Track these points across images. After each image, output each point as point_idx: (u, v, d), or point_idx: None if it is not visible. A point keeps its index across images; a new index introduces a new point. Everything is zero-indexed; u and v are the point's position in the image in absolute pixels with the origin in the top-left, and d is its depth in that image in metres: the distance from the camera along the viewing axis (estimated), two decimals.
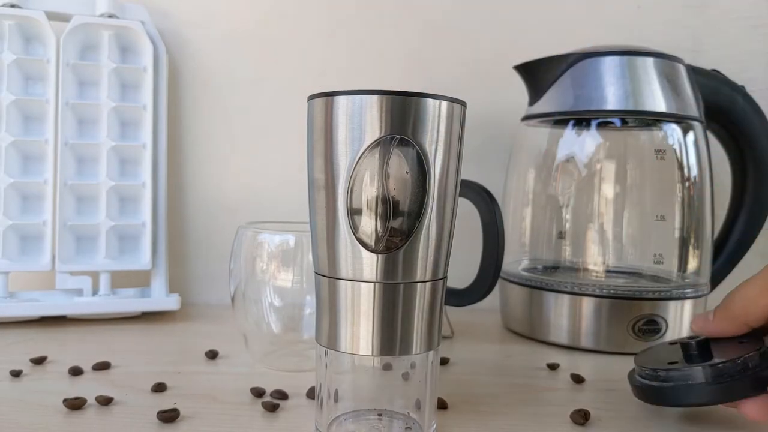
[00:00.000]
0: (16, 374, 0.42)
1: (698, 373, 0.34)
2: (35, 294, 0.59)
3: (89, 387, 0.40)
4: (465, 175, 0.35)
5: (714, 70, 0.59)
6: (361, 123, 0.28)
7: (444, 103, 0.29)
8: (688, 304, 0.54)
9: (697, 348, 0.35)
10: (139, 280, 0.64)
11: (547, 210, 0.60)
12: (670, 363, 0.36)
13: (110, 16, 0.61)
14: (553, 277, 0.58)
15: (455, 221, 0.32)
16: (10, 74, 0.59)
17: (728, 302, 0.36)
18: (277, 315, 0.44)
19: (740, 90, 0.59)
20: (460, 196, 0.33)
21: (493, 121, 0.69)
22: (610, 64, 0.54)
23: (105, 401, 0.37)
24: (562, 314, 0.54)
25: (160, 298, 0.61)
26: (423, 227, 0.29)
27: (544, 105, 0.57)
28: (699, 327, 0.37)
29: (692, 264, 0.57)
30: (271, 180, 0.70)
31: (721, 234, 0.62)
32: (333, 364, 0.32)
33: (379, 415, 0.34)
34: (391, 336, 0.30)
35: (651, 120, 0.56)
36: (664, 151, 0.56)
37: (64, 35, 0.59)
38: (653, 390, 0.36)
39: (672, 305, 0.53)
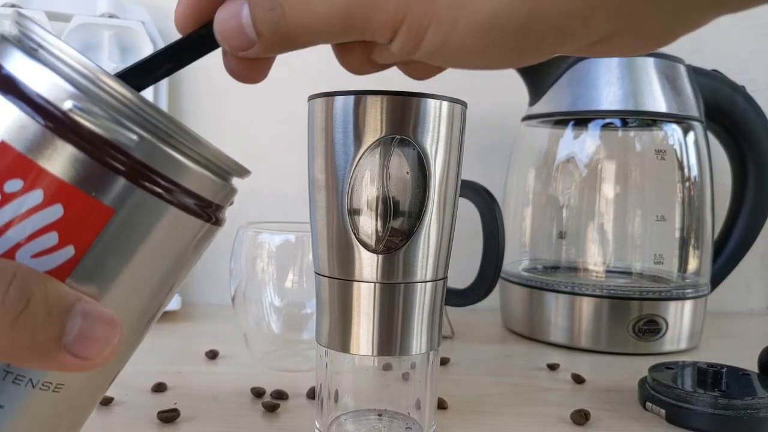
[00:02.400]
0: None
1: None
2: None
3: None
4: (465, 175, 0.35)
5: (714, 70, 0.59)
6: (361, 123, 0.28)
7: (444, 104, 0.29)
8: (688, 305, 0.54)
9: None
10: None
11: (547, 210, 0.60)
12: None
13: (111, 16, 0.61)
14: (553, 277, 0.58)
15: (455, 221, 0.32)
16: None
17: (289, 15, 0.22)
18: (277, 315, 0.44)
19: (740, 90, 0.59)
20: (460, 196, 0.33)
21: (494, 122, 0.69)
22: (610, 64, 0.54)
23: (105, 401, 0.37)
24: (562, 314, 0.54)
25: None
26: (423, 227, 0.29)
27: (545, 105, 0.57)
28: (232, 47, 0.25)
29: (692, 264, 0.57)
30: (271, 180, 0.69)
31: (721, 234, 0.62)
32: (333, 364, 0.32)
33: (379, 415, 0.34)
34: (391, 336, 0.30)
35: (651, 120, 0.56)
36: (665, 151, 0.56)
37: (64, 35, 0.59)
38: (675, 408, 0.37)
39: (672, 305, 0.53)
